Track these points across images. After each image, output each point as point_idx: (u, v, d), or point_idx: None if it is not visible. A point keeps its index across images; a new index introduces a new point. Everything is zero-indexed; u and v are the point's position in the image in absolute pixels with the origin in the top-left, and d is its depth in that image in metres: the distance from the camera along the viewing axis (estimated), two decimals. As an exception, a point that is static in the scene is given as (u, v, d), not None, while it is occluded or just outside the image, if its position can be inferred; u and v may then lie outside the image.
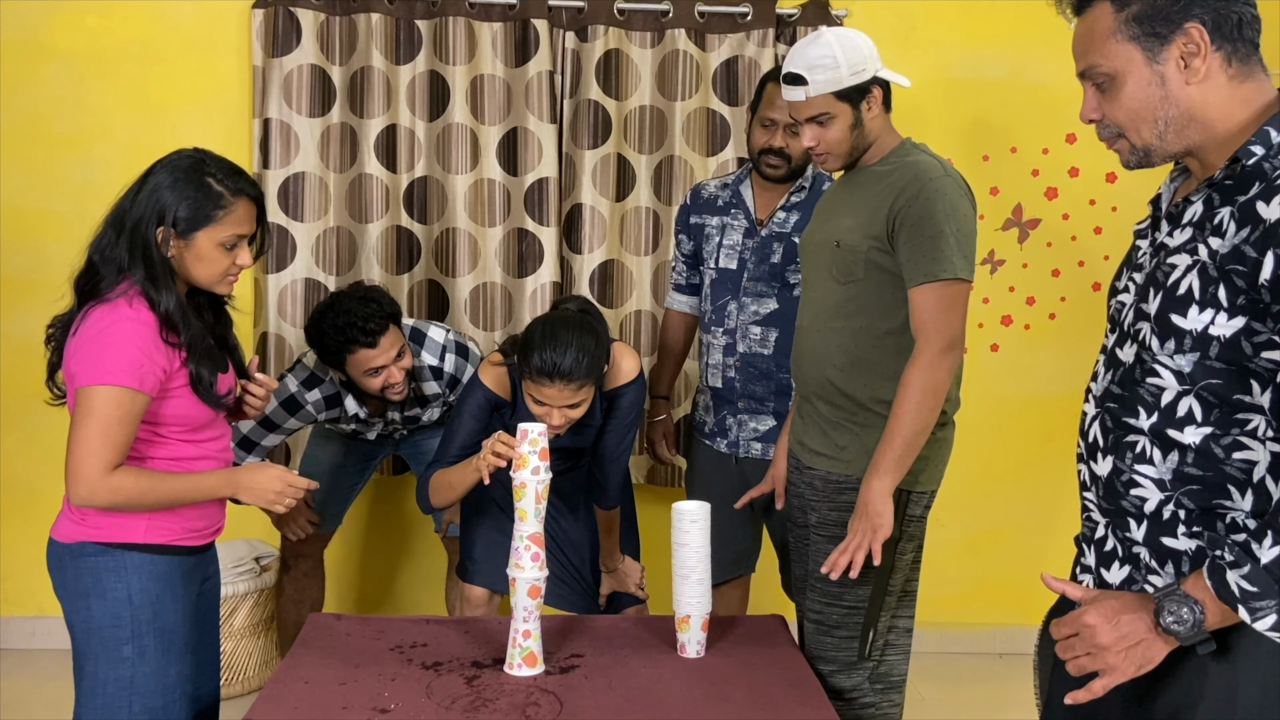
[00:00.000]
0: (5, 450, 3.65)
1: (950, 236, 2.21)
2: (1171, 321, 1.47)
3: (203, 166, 2.07)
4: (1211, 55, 1.46)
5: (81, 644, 2.10)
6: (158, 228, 2.03)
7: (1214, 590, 1.39)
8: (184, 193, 2.03)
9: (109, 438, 1.97)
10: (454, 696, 2.11)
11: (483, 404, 2.66)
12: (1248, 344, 1.41)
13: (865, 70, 2.29)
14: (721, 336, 2.98)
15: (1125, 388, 1.54)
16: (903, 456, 2.22)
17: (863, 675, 2.36)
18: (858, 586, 2.31)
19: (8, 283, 3.65)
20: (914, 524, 2.34)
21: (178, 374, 2.06)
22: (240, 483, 2.13)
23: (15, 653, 3.68)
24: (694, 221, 3.11)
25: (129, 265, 2.03)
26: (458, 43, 3.58)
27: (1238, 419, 1.44)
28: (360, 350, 2.83)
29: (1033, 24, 3.72)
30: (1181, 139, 1.50)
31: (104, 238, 2.07)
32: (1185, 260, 1.47)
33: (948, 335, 2.21)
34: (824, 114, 2.30)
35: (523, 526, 2.23)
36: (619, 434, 2.69)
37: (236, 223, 2.07)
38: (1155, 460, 1.50)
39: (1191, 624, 1.40)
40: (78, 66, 3.59)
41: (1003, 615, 3.92)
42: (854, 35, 2.33)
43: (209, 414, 2.13)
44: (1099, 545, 1.60)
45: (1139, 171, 1.60)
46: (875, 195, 2.30)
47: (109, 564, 2.06)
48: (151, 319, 2.02)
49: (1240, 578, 1.37)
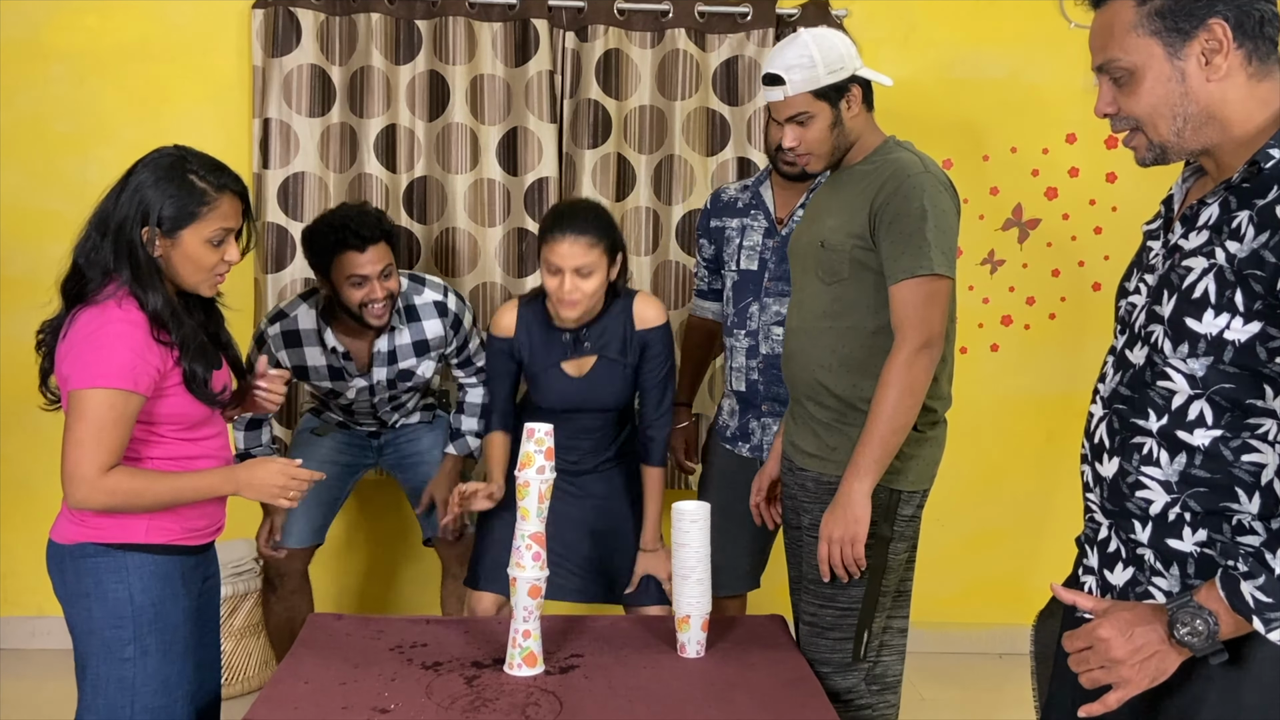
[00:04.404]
0: (5, 450, 3.65)
1: (929, 233, 2.20)
2: (1186, 325, 1.46)
3: (184, 164, 2.06)
4: (1233, 53, 1.45)
5: (83, 645, 2.10)
6: (143, 228, 2.02)
7: (1228, 601, 1.38)
8: (167, 191, 2.02)
9: (103, 439, 1.97)
10: (454, 696, 2.11)
11: (502, 352, 2.80)
12: (1263, 349, 1.40)
13: (843, 69, 2.30)
14: (744, 339, 2.97)
15: (1135, 390, 1.53)
16: (882, 457, 2.21)
17: (858, 676, 2.35)
18: (851, 588, 2.30)
19: (8, 283, 3.65)
20: (906, 524, 2.33)
21: (171, 372, 2.05)
22: (240, 479, 2.12)
23: (15, 653, 3.68)
24: (714, 225, 3.12)
25: (115, 267, 2.02)
26: (458, 43, 3.58)
27: (1249, 423, 1.44)
28: (348, 253, 2.83)
29: (1033, 24, 3.74)
30: (1199, 137, 1.49)
31: (88, 240, 2.06)
32: (1201, 264, 1.46)
33: (926, 332, 2.20)
34: (803, 113, 2.31)
35: (524, 525, 2.23)
36: (656, 368, 2.77)
37: (222, 218, 2.07)
38: (1162, 462, 1.49)
39: (1206, 635, 1.39)
40: (78, 66, 3.59)
41: (1002, 615, 3.91)
42: (831, 35, 2.34)
43: (205, 411, 2.13)
44: (1102, 547, 1.60)
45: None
46: (857, 193, 2.30)
47: (109, 565, 2.06)
48: (142, 319, 2.01)
49: (1255, 589, 1.36)
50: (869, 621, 2.31)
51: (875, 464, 2.20)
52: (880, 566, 2.29)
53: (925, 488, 2.37)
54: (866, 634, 2.32)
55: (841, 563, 2.24)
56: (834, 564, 2.24)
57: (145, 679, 2.08)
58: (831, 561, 2.24)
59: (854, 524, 2.20)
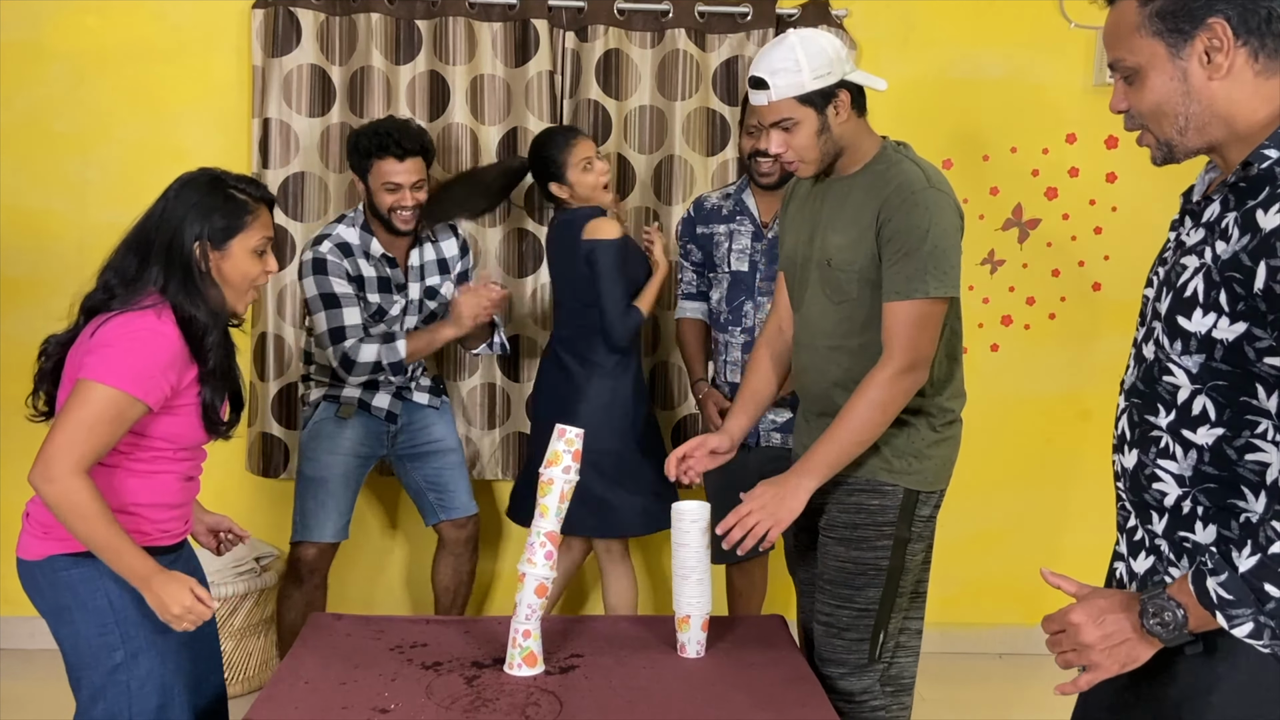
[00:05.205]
0: (4, 450, 3.65)
1: (928, 255, 2.17)
2: (1178, 323, 1.48)
3: (223, 180, 2.13)
4: (1235, 50, 1.45)
5: (72, 658, 2.10)
6: (194, 243, 2.06)
7: (1195, 595, 1.41)
8: (213, 205, 2.09)
9: (93, 434, 1.96)
10: (454, 696, 2.11)
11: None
12: (1250, 348, 1.41)
13: (830, 74, 2.20)
14: (740, 335, 3.11)
15: (1147, 385, 1.55)
16: (836, 463, 2.22)
17: (873, 678, 2.34)
18: (868, 588, 2.29)
19: (8, 283, 3.65)
20: (923, 524, 2.32)
21: (185, 393, 2.06)
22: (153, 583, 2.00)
23: (15, 653, 3.68)
24: (700, 231, 3.25)
25: (165, 284, 2.05)
26: (458, 43, 3.58)
27: (1248, 420, 1.44)
28: (387, 159, 3.10)
29: (1033, 24, 3.74)
30: (1202, 136, 1.50)
31: (123, 262, 2.09)
32: (1194, 262, 1.48)
33: (913, 355, 2.19)
34: (787, 119, 2.23)
35: (541, 522, 2.22)
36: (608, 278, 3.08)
37: (264, 227, 2.15)
38: (1177, 456, 1.51)
39: (1173, 627, 1.43)
40: (78, 66, 3.59)
41: (1002, 615, 3.92)
42: (820, 37, 2.24)
43: (200, 437, 2.14)
44: (1130, 535, 1.62)
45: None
46: (862, 210, 2.24)
47: (82, 575, 2.05)
48: (175, 334, 2.03)
49: (1219, 585, 1.39)
50: (885, 622, 2.30)
51: (828, 468, 2.22)
52: (898, 567, 2.28)
53: (942, 488, 2.36)
54: (883, 635, 2.31)
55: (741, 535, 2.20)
56: (742, 528, 2.19)
57: (140, 681, 2.07)
58: (741, 525, 2.20)
59: (785, 513, 2.20)
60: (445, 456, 3.39)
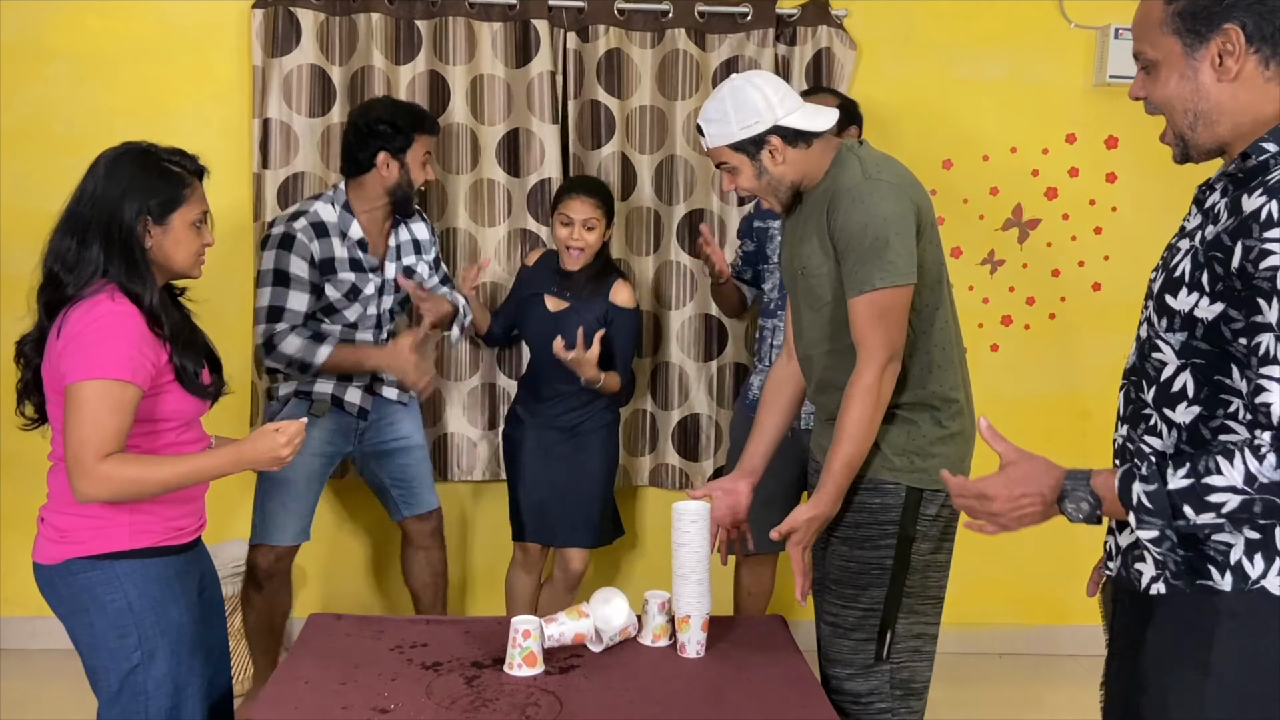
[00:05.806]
0: (4, 450, 3.65)
1: (869, 248, 2.16)
2: (1165, 300, 1.56)
3: (154, 154, 2.10)
4: (1247, 56, 1.52)
5: (90, 660, 2.10)
6: (136, 219, 2.04)
7: (1117, 491, 1.53)
8: (150, 180, 2.06)
9: (101, 427, 1.96)
10: (454, 696, 2.11)
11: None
12: (1226, 329, 1.49)
13: (758, 123, 2.23)
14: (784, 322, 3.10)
15: (1140, 361, 1.63)
16: (845, 485, 2.25)
17: (880, 679, 2.32)
18: (872, 588, 2.29)
19: (8, 283, 3.64)
20: (929, 523, 2.29)
21: (165, 368, 2.06)
22: (245, 454, 2.08)
23: (15, 653, 3.68)
24: (757, 225, 3.40)
25: (105, 264, 2.03)
26: (458, 43, 3.58)
27: (1222, 399, 1.52)
28: (428, 135, 3.19)
29: (1033, 24, 3.74)
30: (1211, 133, 1.57)
31: (63, 247, 2.07)
32: (1187, 244, 1.56)
33: (886, 348, 2.19)
34: (724, 163, 2.30)
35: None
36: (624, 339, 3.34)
37: (200, 200, 2.13)
38: (1162, 434, 1.59)
39: (1085, 516, 1.60)
40: (78, 66, 3.59)
41: (1003, 615, 3.92)
42: (750, 85, 2.25)
43: (198, 406, 2.13)
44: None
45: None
46: (817, 218, 2.28)
47: (100, 577, 2.05)
48: (135, 311, 2.02)
49: (1144, 492, 1.49)
50: (892, 622, 2.29)
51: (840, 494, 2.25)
52: (902, 566, 2.27)
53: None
54: (890, 635, 2.30)
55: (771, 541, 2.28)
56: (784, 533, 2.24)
57: (156, 682, 2.08)
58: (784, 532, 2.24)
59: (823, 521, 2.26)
60: (411, 453, 3.37)
